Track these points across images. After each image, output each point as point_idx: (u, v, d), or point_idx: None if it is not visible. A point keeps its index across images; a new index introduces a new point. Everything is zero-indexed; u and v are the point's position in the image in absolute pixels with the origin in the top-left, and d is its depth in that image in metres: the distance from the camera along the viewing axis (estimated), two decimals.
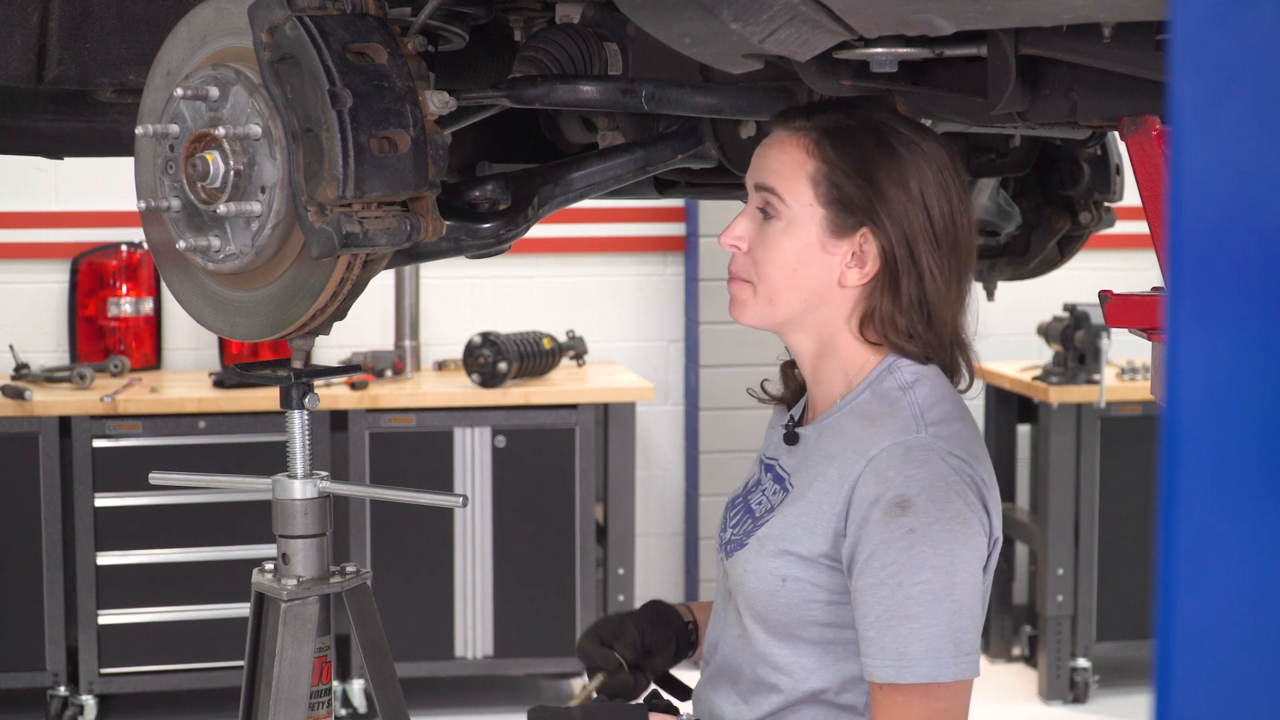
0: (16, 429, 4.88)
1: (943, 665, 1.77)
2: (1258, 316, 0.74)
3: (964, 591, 1.79)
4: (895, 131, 1.88)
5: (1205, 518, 0.75)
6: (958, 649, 1.78)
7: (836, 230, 1.88)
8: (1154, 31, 1.68)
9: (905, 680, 1.78)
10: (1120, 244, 5.46)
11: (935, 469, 1.81)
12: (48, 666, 4.95)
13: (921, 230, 1.87)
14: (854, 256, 1.88)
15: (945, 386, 1.91)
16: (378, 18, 1.81)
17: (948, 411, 1.88)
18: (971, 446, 1.88)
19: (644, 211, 5.83)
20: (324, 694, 2.18)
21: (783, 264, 1.90)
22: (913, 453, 1.83)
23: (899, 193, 1.86)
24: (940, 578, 1.78)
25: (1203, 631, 0.75)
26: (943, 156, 1.90)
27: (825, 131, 1.89)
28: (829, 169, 1.88)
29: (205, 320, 2.02)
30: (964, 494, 1.82)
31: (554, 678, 5.50)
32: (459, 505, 2.09)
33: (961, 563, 1.79)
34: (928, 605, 1.77)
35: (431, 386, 5.18)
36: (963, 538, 1.79)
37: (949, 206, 1.88)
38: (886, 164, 1.87)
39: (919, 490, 1.80)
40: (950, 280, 1.89)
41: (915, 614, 1.78)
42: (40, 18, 2.12)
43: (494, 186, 2.06)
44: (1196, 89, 0.74)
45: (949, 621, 1.78)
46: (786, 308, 1.92)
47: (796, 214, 1.90)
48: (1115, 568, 5.34)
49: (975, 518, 1.82)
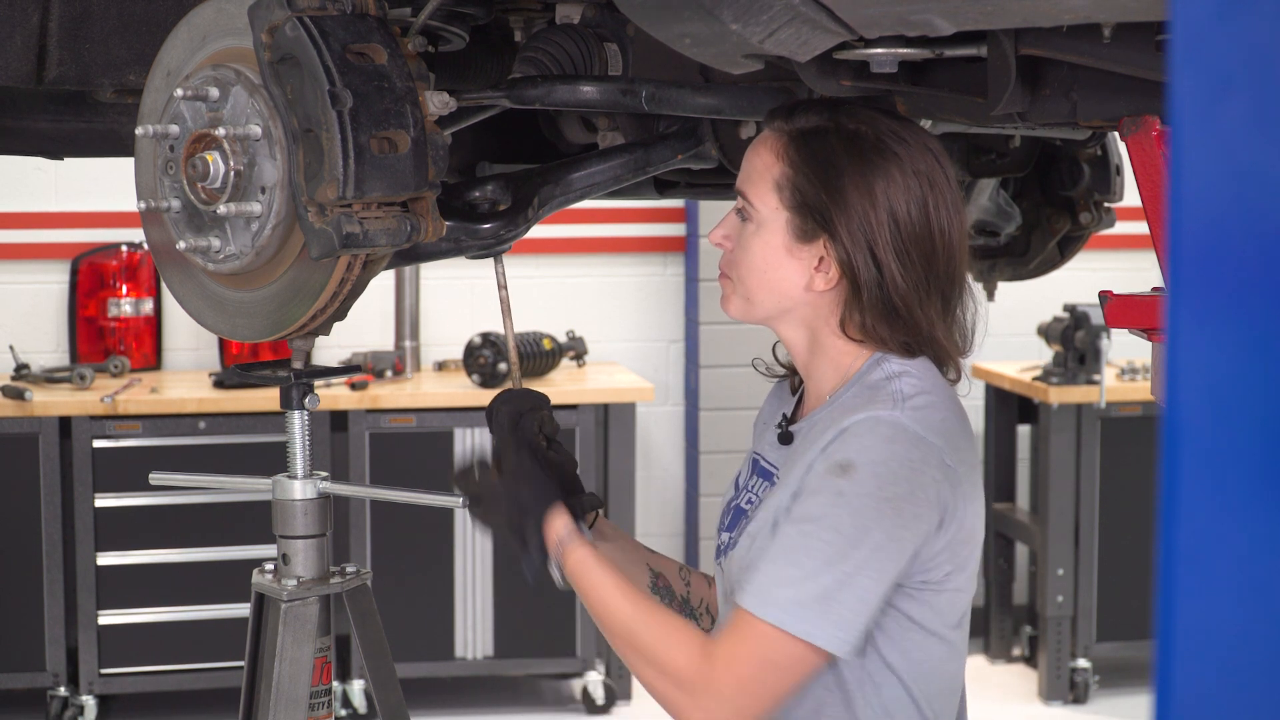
0: (17, 429, 4.88)
1: (797, 618, 1.75)
2: (1258, 317, 0.74)
3: (861, 571, 1.76)
4: (870, 135, 1.86)
5: (1205, 518, 0.75)
6: (824, 615, 1.76)
7: (801, 235, 1.88)
8: (1154, 32, 1.68)
9: (756, 612, 1.77)
10: (1120, 244, 5.46)
11: (897, 448, 1.79)
12: (48, 667, 4.95)
13: (888, 238, 1.84)
14: (821, 262, 1.88)
15: (934, 377, 1.89)
16: (378, 18, 1.81)
17: (931, 400, 1.85)
18: (953, 435, 1.85)
19: (644, 212, 5.83)
20: (324, 694, 2.18)
21: (754, 266, 1.91)
22: (881, 427, 1.80)
23: (862, 199, 1.84)
24: (843, 546, 1.75)
25: (1203, 632, 0.75)
26: (922, 161, 1.87)
27: (796, 134, 1.89)
28: (793, 173, 1.87)
29: (205, 321, 2.02)
30: (918, 482, 1.79)
31: (554, 678, 5.50)
32: (459, 506, 2.09)
33: (871, 544, 1.76)
34: (817, 563, 1.76)
35: (431, 387, 5.18)
36: (888, 525, 1.76)
37: (921, 212, 1.85)
38: (852, 169, 1.85)
39: (868, 462, 1.78)
40: (922, 286, 1.86)
41: (801, 563, 1.76)
42: (40, 18, 2.12)
43: (494, 187, 2.06)
44: (1196, 89, 0.74)
45: (830, 587, 1.75)
46: (763, 307, 1.92)
47: (765, 217, 1.90)
48: (1115, 568, 5.34)
49: (922, 511, 1.78)
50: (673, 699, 1.82)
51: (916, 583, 1.84)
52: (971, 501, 1.86)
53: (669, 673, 1.82)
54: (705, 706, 1.79)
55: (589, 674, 5.24)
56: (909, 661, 1.86)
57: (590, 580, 1.91)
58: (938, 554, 1.83)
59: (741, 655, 1.78)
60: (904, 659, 1.86)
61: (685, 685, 1.81)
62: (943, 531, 1.82)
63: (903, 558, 1.79)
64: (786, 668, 1.78)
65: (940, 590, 1.86)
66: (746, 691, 1.78)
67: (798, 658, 1.78)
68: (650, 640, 1.84)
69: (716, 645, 1.80)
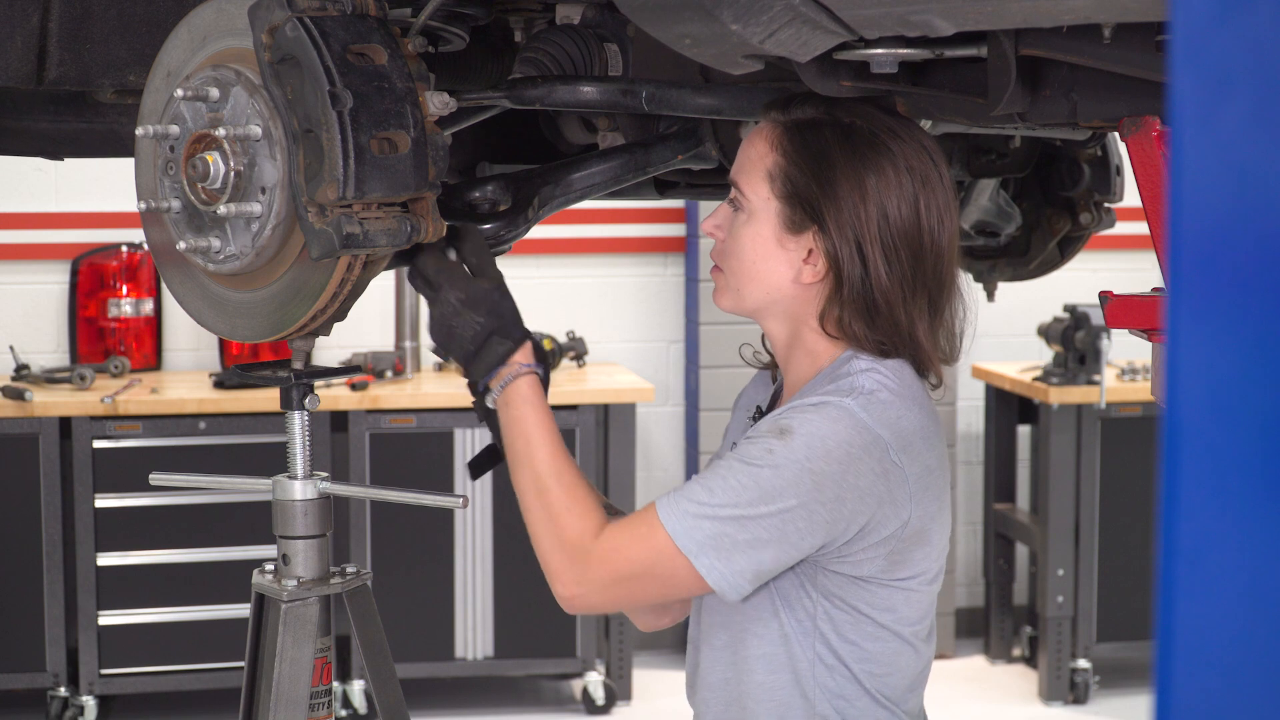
0: (17, 430, 4.88)
1: (693, 539, 1.78)
2: (1258, 317, 0.74)
3: (761, 526, 1.77)
4: (865, 130, 1.86)
5: (1205, 518, 0.75)
6: (715, 547, 1.78)
7: (791, 226, 1.88)
8: (1154, 32, 1.68)
9: (661, 514, 1.80)
10: (1121, 245, 5.46)
11: (839, 429, 1.79)
12: (48, 667, 4.95)
13: (875, 233, 1.84)
14: (810, 254, 1.88)
15: (905, 378, 1.87)
16: (378, 18, 1.81)
17: (892, 397, 1.84)
18: (908, 435, 1.83)
19: (644, 212, 5.83)
20: (324, 695, 2.18)
21: (743, 256, 1.91)
22: (829, 409, 1.80)
23: (853, 192, 1.84)
24: (753, 498, 1.77)
25: (1203, 632, 0.75)
26: (916, 159, 1.86)
27: (792, 125, 1.89)
28: (786, 163, 1.88)
29: (205, 321, 2.02)
30: (851, 468, 1.78)
31: (555, 678, 5.50)
32: (459, 506, 2.09)
33: (780, 507, 1.77)
34: (724, 496, 1.78)
35: (432, 387, 5.18)
36: (804, 495, 1.77)
37: (911, 210, 1.85)
38: (845, 162, 1.85)
39: (806, 433, 1.79)
40: (907, 285, 1.85)
41: (715, 492, 1.78)
42: (41, 19, 2.12)
43: (494, 187, 2.06)
44: (1196, 89, 0.74)
45: (726, 522, 1.77)
46: (751, 298, 1.93)
47: (756, 207, 1.90)
48: (1115, 568, 5.34)
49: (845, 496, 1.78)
50: (554, 561, 1.85)
51: (849, 570, 1.84)
52: (923, 504, 1.85)
53: (562, 535, 1.84)
54: (579, 580, 1.83)
55: (589, 674, 5.24)
56: (862, 653, 1.88)
57: (534, 415, 1.89)
58: (872, 547, 1.83)
59: (630, 549, 1.82)
60: (855, 650, 1.87)
61: (570, 552, 1.84)
62: (877, 526, 1.82)
63: (811, 533, 1.79)
64: (662, 578, 1.82)
65: (894, 587, 1.87)
66: (620, 584, 1.83)
67: (677, 574, 1.81)
68: (560, 496, 1.86)
69: (613, 530, 1.83)
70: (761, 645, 1.90)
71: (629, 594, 1.85)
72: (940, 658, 5.79)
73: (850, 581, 1.85)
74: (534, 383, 1.91)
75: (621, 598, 1.86)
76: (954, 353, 1.96)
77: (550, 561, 1.85)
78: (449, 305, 1.90)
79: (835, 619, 1.86)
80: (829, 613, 1.86)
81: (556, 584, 1.85)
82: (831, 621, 1.86)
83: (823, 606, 1.86)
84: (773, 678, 1.90)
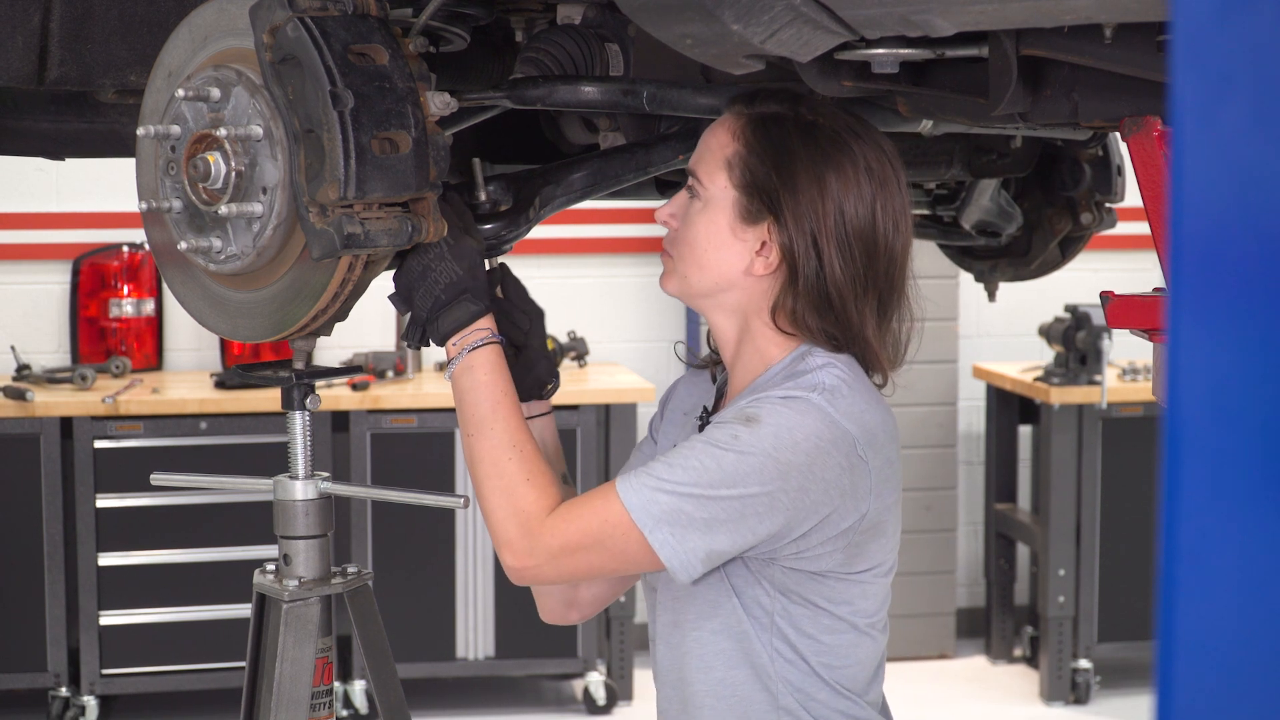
0: (18, 430, 4.88)
1: (642, 504, 1.79)
2: (1259, 317, 0.74)
3: (720, 509, 1.78)
4: (828, 128, 1.87)
5: (1206, 518, 0.75)
6: (671, 525, 1.79)
7: (746, 216, 1.88)
8: (1155, 32, 1.69)
9: (620, 488, 1.81)
10: (1122, 245, 5.46)
11: (808, 422, 1.80)
12: (49, 667, 4.95)
13: (831, 229, 1.85)
14: (763, 246, 1.88)
15: (859, 374, 1.89)
16: (379, 18, 1.81)
17: (853, 392, 1.85)
18: (872, 430, 1.85)
19: (645, 212, 5.83)
20: (325, 695, 2.18)
21: (696, 243, 1.91)
22: (797, 402, 1.81)
23: (812, 186, 1.85)
24: (714, 482, 1.78)
25: (1204, 632, 0.75)
26: (876, 162, 1.88)
27: (755, 118, 1.90)
28: (746, 153, 1.88)
29: (206, 321, 2.02)
30: (818, 461, 1.80)
31: (555, 678, 5.50)
32: (460, 506, 2.09)
33: (740, 493, 1.78)
34: (686, 475, 1.79)
35: (433, 387, 5.18)
36: (768, 483, 1.78)
37: (868, 210, 1.86)
38: (807, 157, 1.86)
39: (774, 423, 1.79)
40: (859, 282, 1.86)
41: (676, 473, 1.79)
42: (42, 18, 2.12)
43: (495, 187, 2.06)
44: (1197, 89, 0.74)
45: (685, 499, 1.78)
46: (698, 286, 1.93)
47: (712, 195, 1.91)
48: (1117, 568, 5.34)
49: (810, 487, 1.79)
50: (506, 530, 1.86)
51: (806, 566, 1.85)
52: (881, 497, 1.86)
53: (517, 505, 1.85)
54: (530, 550, 1.84)
55: (590, 674, 5.25)
56: (820, 646, 1.88)
57: (502, 384, 1.90)
58: (830, 541, 1.84)
59: (584, 520, 1.83)
60: (814, 644, 1.88)
61: (524, 522, 1.85)
62: (836, 519, 1.83)
63: (771, 520, 1.80)
64: (614, 551, 1.82)
65: (851, 581, 1.88)
66: (570, 554, 1.83)
67: (630, 547, 1.81)
68: (517, 470, 1.87)
69: (570, 503, 1.85)
70: (719, 641, 1.91)
71: (579, 566, 1.85)
72: (941, 657, 5.79)
73: (808, 577, 1.86)
74: (499, 351, 1.92)
75: (571, 569, 1.86)
76: (898, 359, 1.97)
77: (502, 531, 1.86)
78: (435, 248, 1.89)
79: (793, 614, 1.87)
80: (786, 609, 1.87)
81: (506, 553, 1.85)
82: (789, 617, 1.87)
83: (780, 603, 1.87)
84: (732, 674, 1.91)
